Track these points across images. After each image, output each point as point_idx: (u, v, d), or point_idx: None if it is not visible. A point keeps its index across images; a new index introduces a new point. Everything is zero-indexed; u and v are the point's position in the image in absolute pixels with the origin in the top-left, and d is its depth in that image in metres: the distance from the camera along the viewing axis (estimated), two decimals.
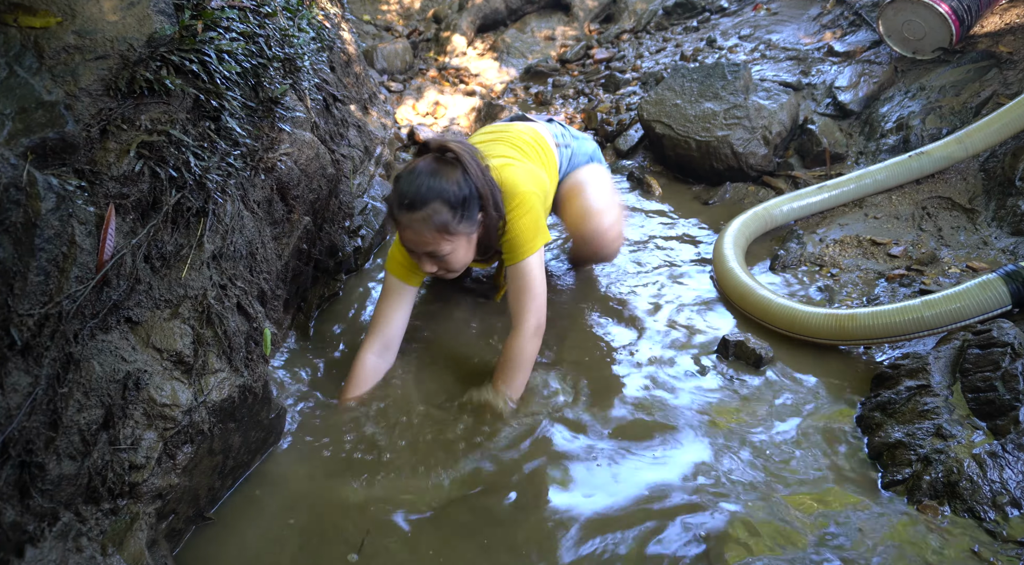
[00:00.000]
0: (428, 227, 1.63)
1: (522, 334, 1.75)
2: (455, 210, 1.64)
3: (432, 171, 1.64)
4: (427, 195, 1.61)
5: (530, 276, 1.78)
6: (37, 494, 1.06)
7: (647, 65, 4.23)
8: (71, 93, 1.21)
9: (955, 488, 1.46)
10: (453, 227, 1.65)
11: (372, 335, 1.84)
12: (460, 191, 1.64)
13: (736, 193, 3.00)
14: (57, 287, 1.11)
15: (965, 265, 2.23)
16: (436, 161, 1.67)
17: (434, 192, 1.62)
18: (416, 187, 1.62)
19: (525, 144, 2.03)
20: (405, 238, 1.69)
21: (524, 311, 1.76)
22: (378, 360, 1.84)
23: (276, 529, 1.44)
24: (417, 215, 1.62)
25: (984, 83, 2.81)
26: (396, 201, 1.65)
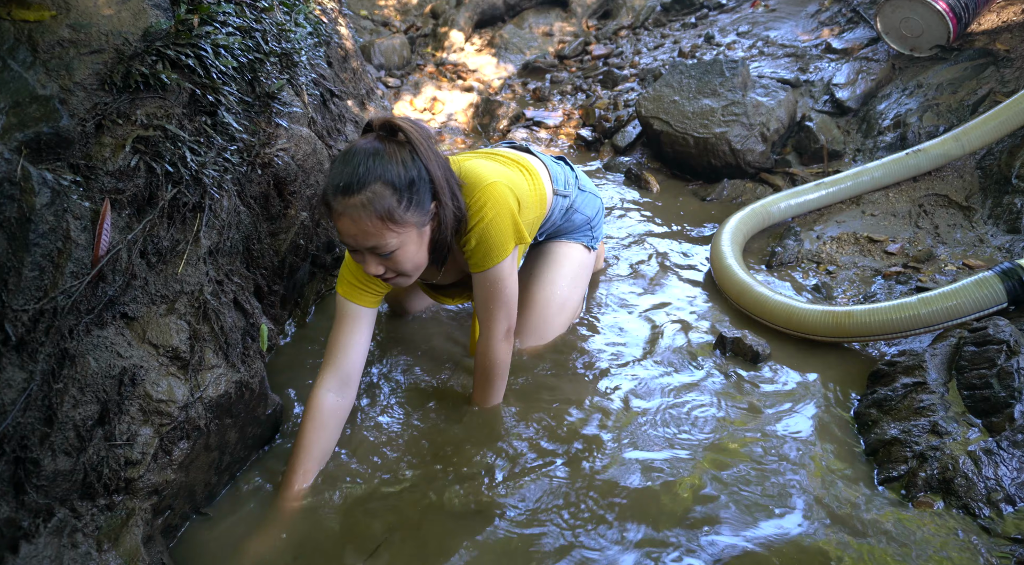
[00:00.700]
0: (368, 214, 1.38)
1: (493, 339, 1.62)
2: (400, 193, 1.39)
3: (373, 151, 1.40)
4: (365, 176, 1.37)
5: (500, 284, 1.59)
6: (32, 490, 1.06)
7: (645, 61, 4.23)
8: (66, 87, 1.20)
9: (950, 485, 1.47)
10: (399, 215, 1.40)
11: (327, 369, 1.58)
12: (407, 172, 1.40)
13: (734, 190, 3.00)
14: (52, 282, 1.10)
15: (961, 262, 2.23)
16: (378, 140, 1.43)
17: (374, 172, 1.37)
18: (353, 167, 1.37)
19: (507, 158, 1.81)
20: (341, 230, 1.42)
21: (492, 318, 1.61)
22: (337, 398, 1.57)
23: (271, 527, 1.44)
24: (354, 199, 1.37)
25: (981, 81, 2.81)
26: (330, 185, 1.39)
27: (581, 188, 2.01)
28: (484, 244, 1.54)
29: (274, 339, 1.79)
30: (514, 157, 1.82)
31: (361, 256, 1.47)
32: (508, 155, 1.83)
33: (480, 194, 1.54)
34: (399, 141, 1.44)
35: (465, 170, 1.58)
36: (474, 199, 1.53)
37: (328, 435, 1.56)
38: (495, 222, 1.54)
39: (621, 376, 1.90)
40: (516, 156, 1.84)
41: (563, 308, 2.00)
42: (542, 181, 1.84)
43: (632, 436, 1.68)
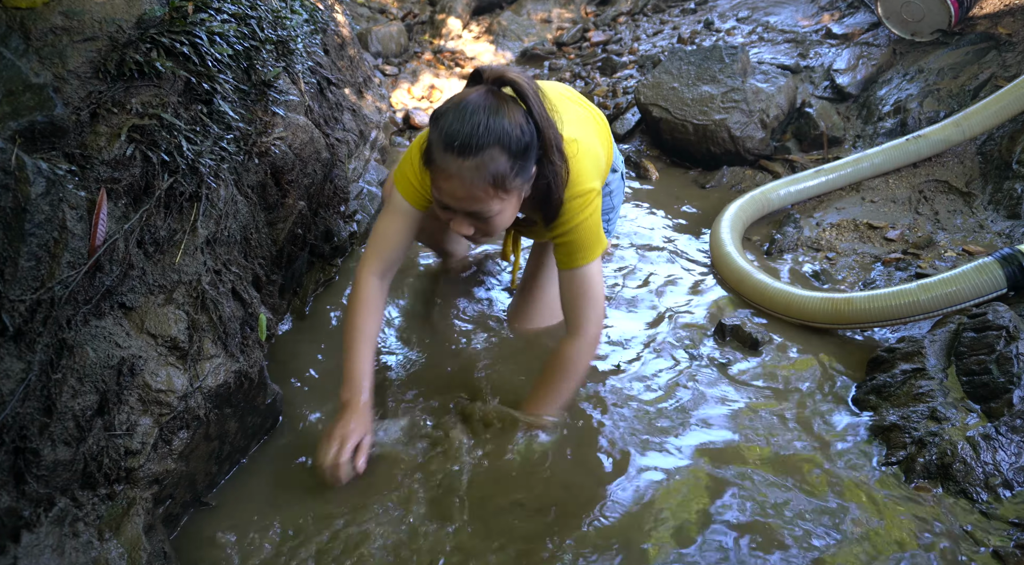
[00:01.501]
0: (481, 178, 1.29)
1: (581, 339, 1.51)
2: (514, 159, 1.30)
3: (491, 107, 1.28)
4: (484, 137, 1.26)
5: (592, 282, 1.50)
6: (32, 480, 1.06)
7: (644, 48, 4.20)
8: (59, 76, 1.19)
9: (948, 470, 1.47)
10: (510, 181, 1.32)
11: (374, 257, 1.59)
12: (523, 136, 1.29)
13: (733, 177, 2.99)
14: (49, 273, 1.10)
15: (961, 248, 2.23)
16: (494, 96, 1.31)
17: (494, 134, 1.27)
18: (472, 126, 1.26)
19: (598, 120, 1.70)
20: (446, 190, 1.33)
21: (583, 317, 1.51)
22: (381, 283, 1.60)
23: (273, 514, 1.45)
24: (469, 162, 1.27)
25: (983, 65, 2.79)
26: (442, 142, 1.28)
27: (615, 168, 1.87)
28: (579, 241, 1.47)
29: (273, 328, 1.78)
30: (597, 115, 1.73)
31: (452, 214, 1.39)
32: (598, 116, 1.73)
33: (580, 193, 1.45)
34: (512, 97, 1.33)
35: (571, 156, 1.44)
36: (575, 194, 1.44)
37: (378, 318, 1.60)
38: (591, 222, 1.47)
39: (619, 363, 1.90)
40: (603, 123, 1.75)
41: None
42: (613, 154, 1.78)
43: (630, 423, 1.68)
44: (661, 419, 1.69)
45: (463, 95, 1.32)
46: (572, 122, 1.52)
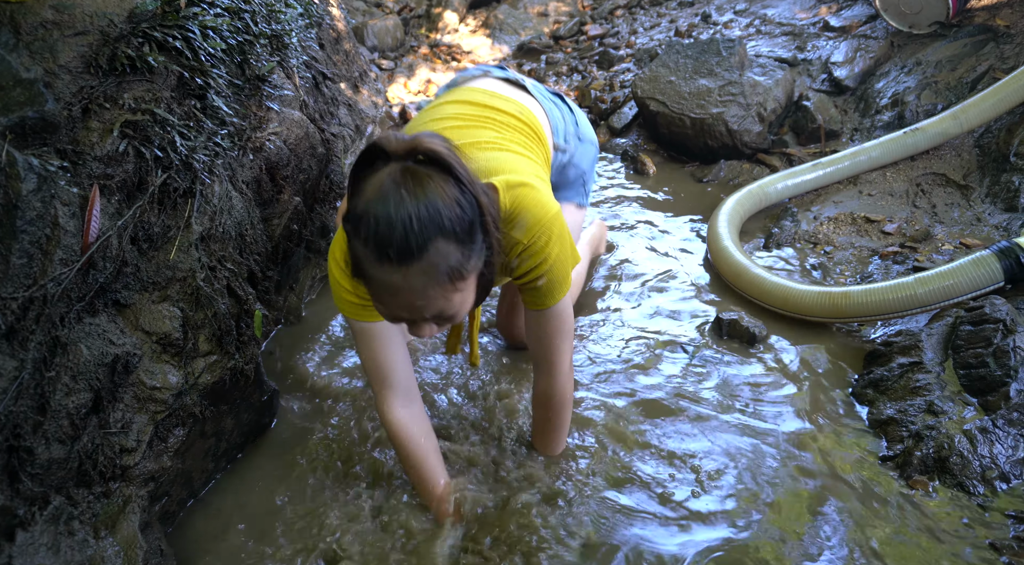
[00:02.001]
0: (433, 280, 1.05)
1: (561, 374, 1.39)
2: (463, 244, 1.06)
3: (415, 191, 1.01)
4: (423, 233, 1.01)
5: (565, 317, 1.34)
6: (27, 478, 1.06)
7: (641, 41, 4.18)
8: (50, 70, 1.18)
9: (945, 463, 1.47)
10: (466, 269, 1.08)
11: (384, 395, 1.37)
12: (464, 213, 1.05)
13: (730, 171, 2.98)
14: (41, 270, 1.09)
15: (959, 242, 2.22)
16: (411, 176, 1.03)
17: (433, 224, 1.01)
18: (403, 223, 1.00)
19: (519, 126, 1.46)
20: (396, 304, 1.09)
21: (558, 353, 1.37)
22: (408, 410, 1.39)
23: (270, 510, 1.44)
24: (415, 268, 1.02)
25: (980, 57, 2.78)
26: (373, 254, 1.02)
27: (580, 137, 1.69)
28: (555, 280, 1.28)
29: (269, 325, 1.78)
30: (518, 115, 1.47)
31: (412, 323, 1.14)
32: (510, 112, 1.46)
33: (547, 226, 1.23)
34: (435, 168, 1.05)
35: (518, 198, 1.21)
36: (541, 232, 1.22)
37: (424, 441, 1.40)
38: (563, 256, 1.28)
39: (616, 357, 1.90)
40: (517, 109, 1.49)
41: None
42: (546, 140, 1.54)
43: (629, 417, 1.68)
44: (656, 413, 1.69)
45: (374, 186, 1.02)
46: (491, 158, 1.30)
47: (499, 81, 1.61)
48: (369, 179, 1.04)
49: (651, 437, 1.62)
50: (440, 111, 1.43)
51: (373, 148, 1.06)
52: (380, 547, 1.35)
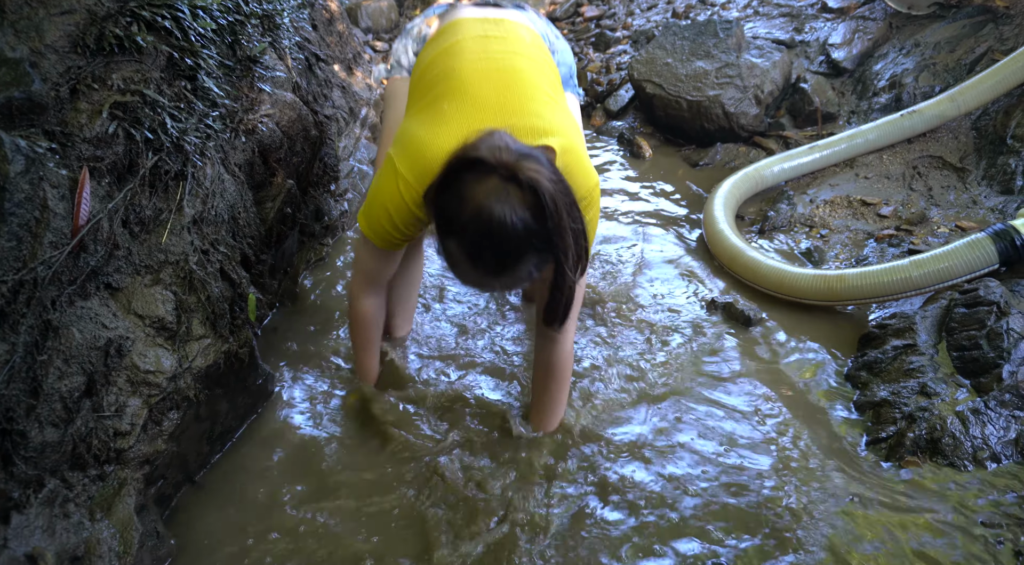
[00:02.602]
0: (516, 282, 1.24)
1: (566, 342, 1.49)
2: (542, 254, 1.18)
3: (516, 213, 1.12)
4: (516, 253, 1.15)
5: (582, 289, 1.50)
6: (20, 461, 1.06)
7: (638, 23, 4.14)
8: (36, 50, 1.16)
9: (938, 444, 1.48)
10: (541, 270, 1.22)
11: (364, 282, 1.58)
12: (547, 231, 1.15)
13: (727, 154, 2.97)
14: (31, 253, 1.08)
15: (954, 224, 2.22)
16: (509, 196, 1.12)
17: (525, 245, 1.14)
18: (501, 244, 1.13)
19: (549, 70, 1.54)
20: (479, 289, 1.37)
21: (570, 327, 1.49)
22: (376, 302, 1.63)
23: (266, 492, 1.45)
24: (504, 277, 1.19)
25: (979, 39, 2.76)
26: (469, 261, 1.18)
27: (556, 36, 1.78)
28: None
29: (263, 309, 1.77)
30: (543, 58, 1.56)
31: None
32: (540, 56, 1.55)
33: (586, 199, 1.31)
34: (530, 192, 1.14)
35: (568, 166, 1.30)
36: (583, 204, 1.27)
37: (377, 331, 1.68)
38: (592, 228, 1.38)
39: (611, 340, 1.90)
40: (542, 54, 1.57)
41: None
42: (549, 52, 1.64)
43: (619, 403, 1.68)
44: (651, 396, 1.70)
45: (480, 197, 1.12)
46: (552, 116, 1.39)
47: (474, 7, 1.68)
48: (474, 186, 1.13)
49: (631, 416, 1.62)
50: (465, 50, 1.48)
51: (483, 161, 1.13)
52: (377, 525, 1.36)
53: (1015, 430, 1.48)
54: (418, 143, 1.33)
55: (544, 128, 1.33)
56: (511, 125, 1.29)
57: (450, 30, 1.56)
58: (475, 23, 1.56)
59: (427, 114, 1.39)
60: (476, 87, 1.39)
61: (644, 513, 1.39)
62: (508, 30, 1.56)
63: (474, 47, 1.48)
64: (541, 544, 1.33)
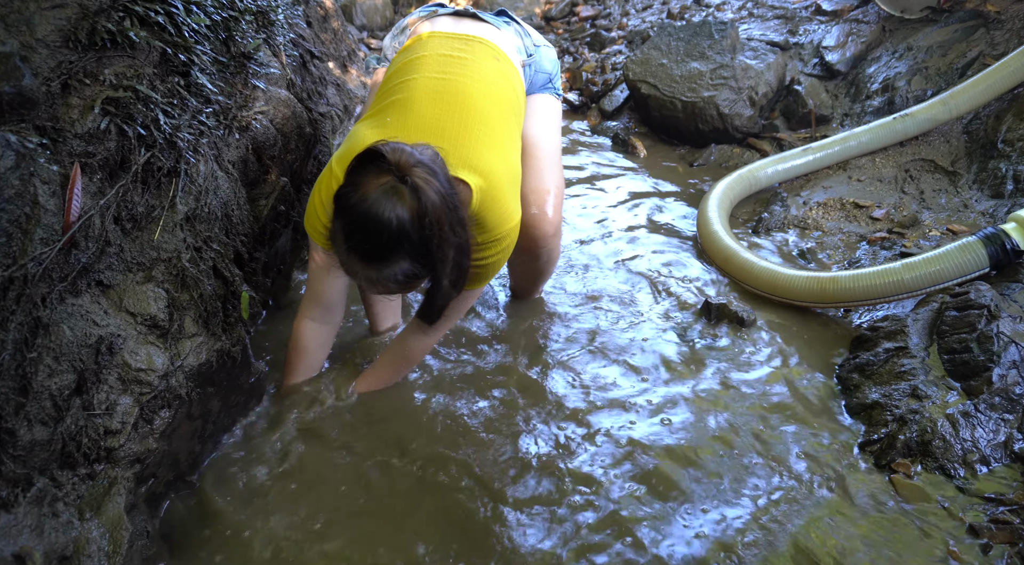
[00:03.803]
0: (388, 279, 1.29)
1: (429, 340, 1.61)
2: (417, 262, 1.28)
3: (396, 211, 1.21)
4: (391, 249, 1.24)
5: (468, 303, 1.61)
6: (8, 460, 1.04)
7: (633, 23, 4.15)
8: (27, 44, 1.15)
9: (928, 447, 1.49)
10: (415, 278, 1.32)
11: (310, 302, 1.61)
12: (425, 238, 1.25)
13: (721, 155, 2.98)
14: (21, 249, 1.07)
15: (946, 228, 2.24)
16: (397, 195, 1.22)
17: (398, 245, 1.23)
18: (378, 234, 1.22)
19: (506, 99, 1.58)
20: (358, 279, 1.35)
21: (443, 324, 1.55)
22: (319, 325, 1.64)
23: (258, 492, 1.44)
24: (373, 268, 1.27)
25: (971, 43, 2.78)
26: (345, 244, 1.26)
27: (536, 44, 1.83)
28: (482, 277, 1.50)
29: (256, 307, 1.76)
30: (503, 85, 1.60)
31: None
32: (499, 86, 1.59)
33: (500, 240, 1.45)
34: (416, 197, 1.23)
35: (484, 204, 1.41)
36: (494, 240, 1.44)
37: (311, 359, 1.67)
38: (497, 264, 1.51)
39: (605, 341, 1.90)
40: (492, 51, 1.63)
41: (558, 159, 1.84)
42: (520, 83, 1.70)
43: (615, 400, 1.68)
44: (640, 399, 1.70)
45: (370, 189, 1.21)
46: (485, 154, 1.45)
47: (452, 18, 1.74)
48: (369, 179, 1.23)
49: (624, 417, 1.63)
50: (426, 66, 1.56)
51: (371, 154, 1.24)
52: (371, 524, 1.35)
53: (1004, 433, 1.50)
54: (355, 144, 1.41)
55: (473, 164, 1.42)
56: (442, 148, 1.36)
57: (419, 44, 1.64)
58: (444, 40, 1.63)
59: (374, 120, 1.50)
60: (421, 106, 1.47)
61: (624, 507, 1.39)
62: (475, 52, 1.62)
63: (434, 66, 1.55)
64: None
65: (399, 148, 1.25)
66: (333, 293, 1.60)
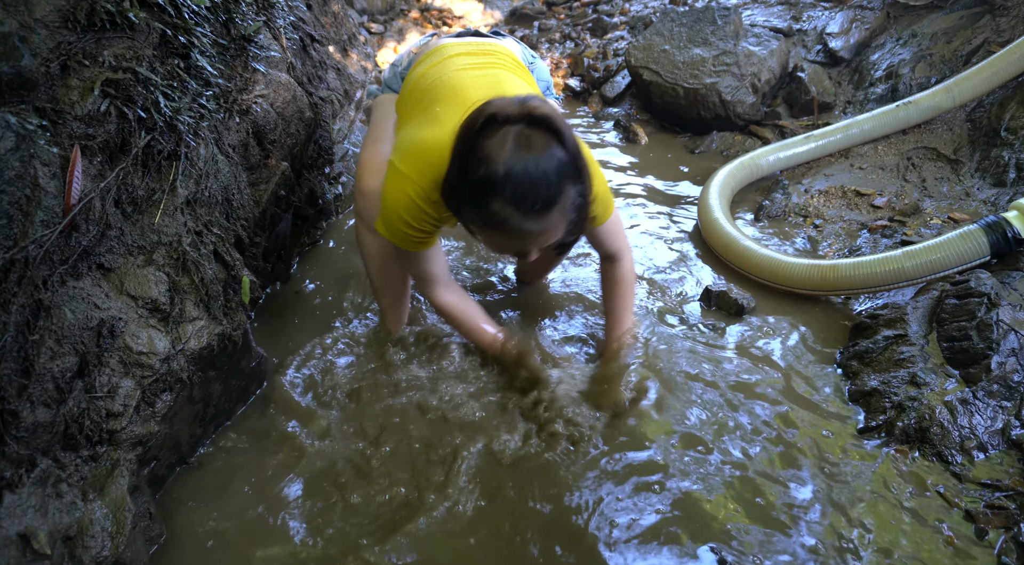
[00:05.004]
0: (564, 218, 1.25)
1: (628, 260, 1.67)
2: (580, 182, 1.25)
3: (543, 149, 1.18)
4: (557, 186, 1.19)
5: (621, 223, 1.66)
6: (12, 441, 1.05)
7: (636, 8, 4.11)
8: (26, 24, 1.14)
9: (926, 434, 1.50)
10: (584, 201, 1.29)
11: (431, 281, 1.61)
12: (575, 159, 1.23)
13: (723, 142, 2.97)
14: (22, 231, 1.07)
15: (947, 216, 2.24)
16: (535, 136, 1.19)
17: (563, 177, 1.20)
18: (542, 180, 1.17)
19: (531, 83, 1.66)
20: (523, 245, 1.29)
21: (624, 247, 1.66)
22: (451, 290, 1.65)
23: (258, 475, 1.45)
24: (554, 212, 1.21)
25: (976, 30, 2.76)
26: (517, 211, 1.19)
27: (533, 55, 1.89)
28: (604, 197, 1.49)
29: (257, 291, 1.76)
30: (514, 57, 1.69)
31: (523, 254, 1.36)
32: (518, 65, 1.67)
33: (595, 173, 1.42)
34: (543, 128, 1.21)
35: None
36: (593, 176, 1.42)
37: (471, 308, 1.68)
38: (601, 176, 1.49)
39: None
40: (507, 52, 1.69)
41: None
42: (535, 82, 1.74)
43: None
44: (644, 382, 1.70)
45: (501, 150, 1.17)
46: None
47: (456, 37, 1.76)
48: (494, 142, 1.18)
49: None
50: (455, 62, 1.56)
51: (493, 117, 1.20)
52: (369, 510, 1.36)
53: (1002, 420, 1.50)
54: (417, 143, 1.39)
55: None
56: None
57: (436, 51, 1.65)
58: (459, 45, 1.65)
59: (421, 119, 1.46)
60: (466, 90, 1.45)
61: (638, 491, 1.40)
62: (491, 50, 1.65)
63: (460, 62, 1.56)
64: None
65: (498, 100, 1.22)
66: (440, 266, 1.61)
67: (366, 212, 1.65)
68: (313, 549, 1.30)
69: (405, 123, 1.54)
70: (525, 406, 1.58)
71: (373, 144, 1.70)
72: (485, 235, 1.30)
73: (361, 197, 1.67)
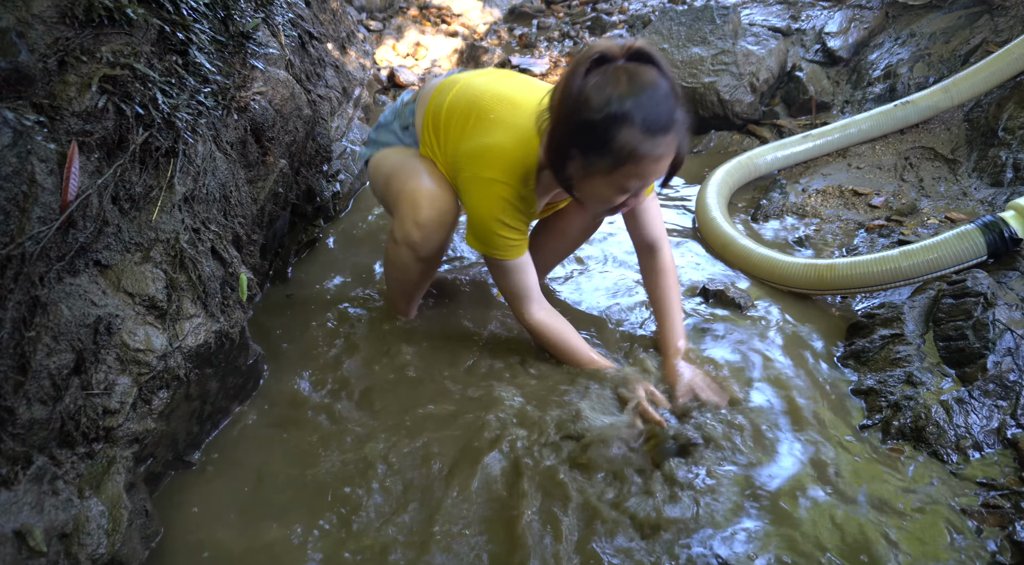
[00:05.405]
0: (684, 135, 1.35)
1: (670, 250, 1.72)
2: (681, 108, 1.34)
3: (653, 77, 1.29)
4: (675, 103, 1.31)
5: (658, 203, 1.71)
6: (8, 438, 1.05)
7: (634, 7, 4.11)
8: (23, 19, 1.13)
9: (922, 432, 1.50)
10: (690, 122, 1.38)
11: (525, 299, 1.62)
12: (673, 85, 1.33)
13: (721, 141, 2.97)
14: (18, 227, 1.06)
15: (944, 216, 2.24)
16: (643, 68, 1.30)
17: (673, 96, 1.31)
18: (662, 101, 1.28)
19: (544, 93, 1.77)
20: (658, 169, 1.35)
21: (665, 236, 1.72)
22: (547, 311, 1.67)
23: (255, 473, 1.45)
24: (677, 128, 1.31)
25: (975, 30, 2.77)
26: (649, 134, 1.28)
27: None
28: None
29: (254, 289, 1.76)
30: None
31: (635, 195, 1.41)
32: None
33: None
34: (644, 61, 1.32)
35: None
36: None
37: (566, 327, 1.68)
38: None
39: (602, 325, 1.90)
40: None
41: None
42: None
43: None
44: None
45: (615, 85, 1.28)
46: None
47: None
48: (606, 78, 1.28)
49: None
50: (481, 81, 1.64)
51: (602, 56, 1.30)
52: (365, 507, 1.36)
53: (997, 419, 1.51)
54: (491, 148, 1.48)
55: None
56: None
57: (447, 83, 1.68)
58: (463, 74, 1.70)
59: (479, 131, 1.52)
60: (509, 94, 1.55)
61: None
62: (500, 72, 1.73)
63: (481, 79, 1.64)
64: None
65: (598, 42, 1.32)
66: (534, 280, 1.63)
67: (423, 242, 1.62)
68: (313, 549, 1.30)
69: (456, 143, 1.57)
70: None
71: (414, 179, 1.63)
72: (608, 179, 1.35)
73: (417, 229, 1.61)
